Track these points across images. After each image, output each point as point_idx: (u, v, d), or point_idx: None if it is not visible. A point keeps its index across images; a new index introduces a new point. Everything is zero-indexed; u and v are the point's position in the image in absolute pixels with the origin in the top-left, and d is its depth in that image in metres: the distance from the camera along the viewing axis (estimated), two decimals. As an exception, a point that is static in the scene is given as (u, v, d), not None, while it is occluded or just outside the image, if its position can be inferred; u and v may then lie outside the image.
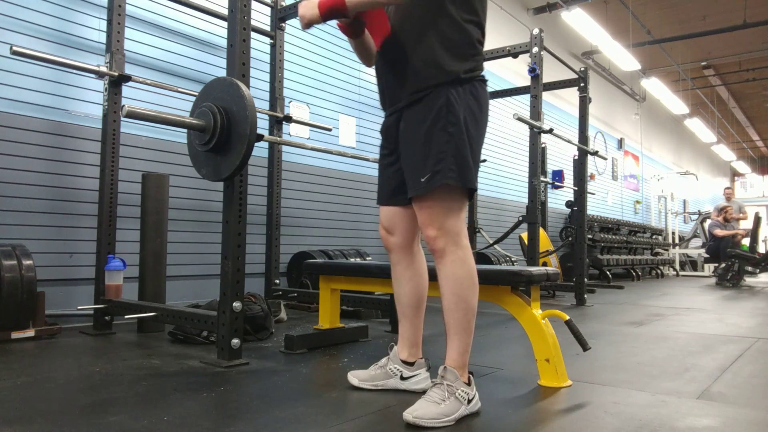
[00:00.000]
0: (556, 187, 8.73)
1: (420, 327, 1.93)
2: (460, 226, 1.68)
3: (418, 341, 1.92)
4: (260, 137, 2.27)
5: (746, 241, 9.02)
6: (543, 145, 6.91)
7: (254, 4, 3.77)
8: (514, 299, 2.11)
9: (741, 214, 9.71)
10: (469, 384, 1.65)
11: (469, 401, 1.62)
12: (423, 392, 1.68)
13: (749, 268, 8.15)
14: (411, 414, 1.52)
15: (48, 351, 2.51)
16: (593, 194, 6.48)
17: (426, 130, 1.65)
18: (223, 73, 2.48)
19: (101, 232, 3.05)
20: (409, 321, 1.91)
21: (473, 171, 1.68)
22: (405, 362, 1.89)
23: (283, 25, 4.08)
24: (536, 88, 4.27)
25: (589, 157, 5.60)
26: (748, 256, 8.15)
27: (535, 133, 4.29)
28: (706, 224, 10.03)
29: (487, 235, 5.60)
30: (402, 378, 1.87)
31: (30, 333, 2.72)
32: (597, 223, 9.01)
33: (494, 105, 7.36)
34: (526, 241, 4.71)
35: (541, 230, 5.45)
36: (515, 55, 4.50)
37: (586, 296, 4.95)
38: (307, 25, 1.72)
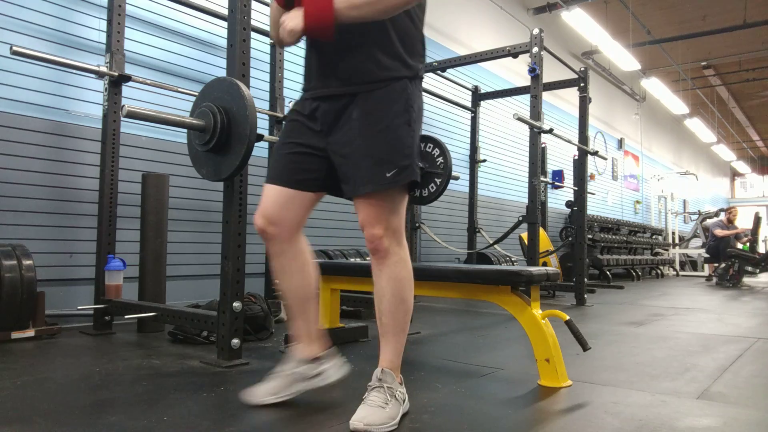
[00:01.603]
0: (556, 187, 8.73)
1: (314, 318, 1.78)
2: (402, 224, 1.64)
3: (318, 333, 1.78)
4: (260, 137, 2.28)
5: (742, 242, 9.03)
6: (543, 145, 6.92)
7: (254, 4, 3.76)
8: (514, 299, 2.11)
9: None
10: (401, 384, 1.64)
11: (404, 400, 1.62)
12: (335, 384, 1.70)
13: (749, 268, 8.15)
14: (361, 422, 1.48)
15: (48, 351, 2.51)
16: (593, 194, 6.49)
17: (391, 122, 1.57)
18: (223, 73, 2.48)
19: (101, 232, 3.05)
20: (302, 315, 1.75)
21: (418, 171, 1.65)
22: (311, 359, 1.74)
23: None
24: (536, 88, 4.27)
25: (589, 157, 5.60)
26: (748, 256, 8.15)
27: (535, 133, 4.29)
28: (707, 224, 10.04)
29: (487, 235, 5.60)
30: (311, 377, 1.73)
31: (30, 333, 2.72)
32: (597, 223, 9.01)
33: (494, 105, 7.37)
34: (526, 241, 4.71)
35: (541, 230, 5.45)
36: (515, 55, 4.50)
37: (586, 296, 4.96)
38: (290, 41, 1.56)
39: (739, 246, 8.86)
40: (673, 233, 12.15)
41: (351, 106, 1.60)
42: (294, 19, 1.52)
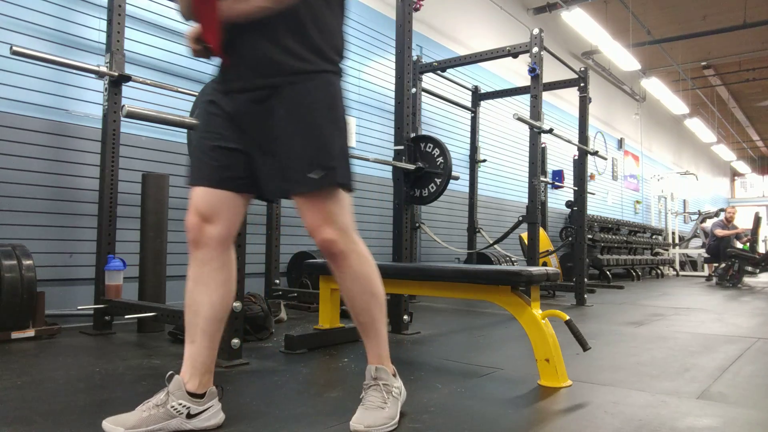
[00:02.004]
0: (556, 187, 8.73)
1: (217, 348, 1.54)
2: (351, 219, 1.54)
3: (213, 366, 1.53)
4: (260, 137, 2.27)
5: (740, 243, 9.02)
6: (543, 145, 6.91)
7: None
8: (514, 299, 2.11)
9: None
10: (395, 376, 1.63)
11: (401, 393, 1.61)
12: (216, 429, 1.48)
13: (749, 268, 8.15)
14: (361, 424, 1.45)
15: (48, 351, 2.51)
16: (593, 194, 6.48)
17: (316, 120, 1.47)
18: (223, 73, 2.47)
19: (101, 232, 3.05)
20: (207, 340, 1.50)
21: (351, 173, 1.55)
22: (193, 395, 1.46)
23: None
24: (536, 88, 4.27)
25: (589, 157, 5.60)
26: (748, 256, 8.15)
27: (535, 133, 4.29)
28: (707, 224, 10.04)
29: (487, 235, 5.60)
30: (189, 416, 1.44)
31: (30, 333, 2.72)
32: (597, 223, 9.01)
33: (494, 105, 7.37)
34: (526, 241, 4.71)
35: (541, 230, 5.45)
36: (515, 55, 4.50)
37: (586, 296, 4.95)
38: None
39: (739, 246, 8.86)
40: (673, 233, 12.16)
41: (272, 100, 1.47)
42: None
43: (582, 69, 5.26)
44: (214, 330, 1.52)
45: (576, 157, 6.11)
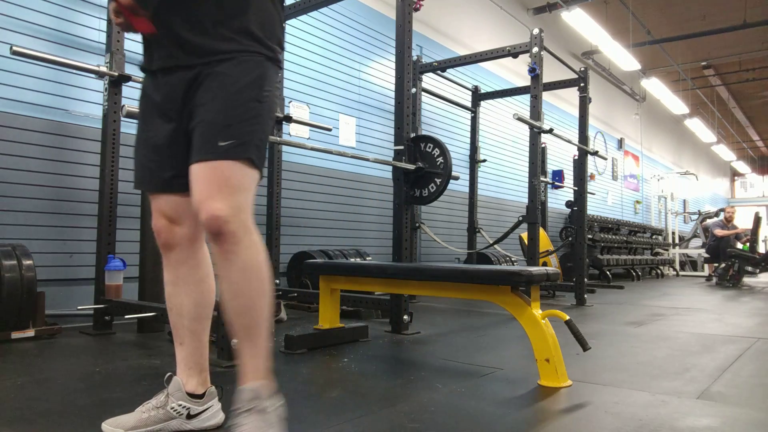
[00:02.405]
0: (556, 187, 8.74)
1: (207, 345, 1.52)
2: (250, 206, 1.36)
3: (206, 364, 1.51)
4: (260, 137, 2.27)
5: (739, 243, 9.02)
6: (543, 145, 6.92)
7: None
8: (514, 299, 2.11)
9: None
10: (275, 395, 1.37)
11: (278, 413, 1.35)
12: (216, 429, 1.45)
13: (749, 268, 8.15)
14: None
15: (48, 351, 2.51)
16: (593, 194, 6.48)
17: (238, 90, 1.34)
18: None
19: (101, 232, 3.05)
20: (195, 340, 1.48)
21: (265, 156, 1.44)
22: (193, 395, 1.45)
23: (284, 25, 4.07)
24: (536, 88, 4.27)
25: (589, 157, 5.60)
26: (748, 256, 8.15)
27: (535, 133, 4.29)
28: (707, 224, 10.05)
29: (487, 235, 5.60)
30: (189, 416, 1.43)
31: (30, 333, 2.72)
32: (597, 223, 9.01)
33: (494, 105, 7.37)
34: (526, 241, 4.71)
35: (541, 230, 5.45)
36: (515, 55, 4.51)
37: (586, 296, 4.95)
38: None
39: (739, 246, 8.86)
40: (673, 233, 12.16)
41: (201, 77, 1.36)
42: None
43: (582, 69, 5.26)
44: (201, 329, 1.49)
45: (576, 157, 6.11)
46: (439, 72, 5.32)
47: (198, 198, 1.29)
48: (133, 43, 3.63)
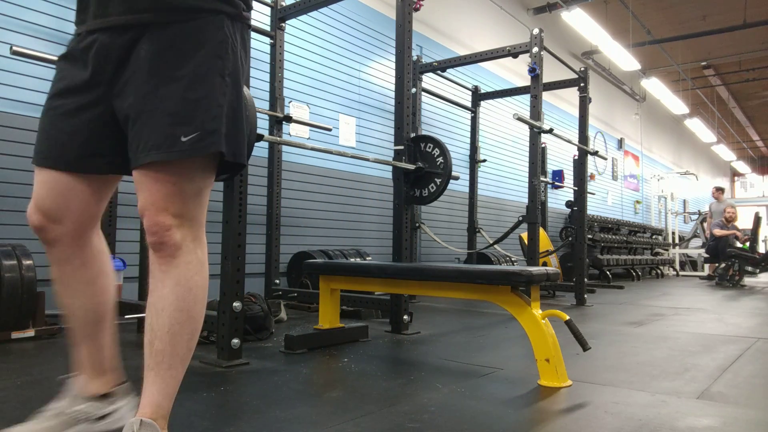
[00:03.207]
0: (556, 187, 8.74)
1: (109, 344, 1.33)
2: (204, 216, 1.21)
3: (113, 362, 1.34)
4: (260, 137, 2.27)
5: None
6: (543, 145, 6.92)
7: (254, 4, 3.77)
8: (514, 299, 2.12)
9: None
10: None
11: None
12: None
13: (749, 268, 8.15)
14: None
15: (48, 351, 2.51)
16: (593, 194, 6.48)
17: (196, 68, 1.12)
18: (223, 73, 2.47)
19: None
20: (91, 341, 1.29)
21: (245, 142, 1.22)
22: (98, 396, 1.29)
23: (283, 25, 4.08)
24: (536, 88, 4.27)
25: (589, 157, 5.60)
26: (748, 256, 8.15)
27: (535, 133, 4.29)
28: (707, 224, 10.06)
29: (487, 235, 5.60)
30: (96, 419, 1.28)
31: (30, 333, 2.72)
32: (597, 223, 9.01)
33: (494, 105, 7.37)
34: (526, 241, 4.71)
35: (541, 230, 5.46)
36: (515, 55, 4.51)
37: (586, 296, 4.95)
38: None
39: (739, 246, 8.86)
40: (673, 233, 12.16)
41: (140, 43, 1.12)
42: None
43: (582, 69, 5.26)
44: (94, 332, 1.29)
45: (576, 157, 6.11)
46: (439, 72, 5.32)
47: (144, 202, 1.13)
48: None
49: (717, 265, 8.75)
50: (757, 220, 8.74)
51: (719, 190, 10.09)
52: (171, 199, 1.12)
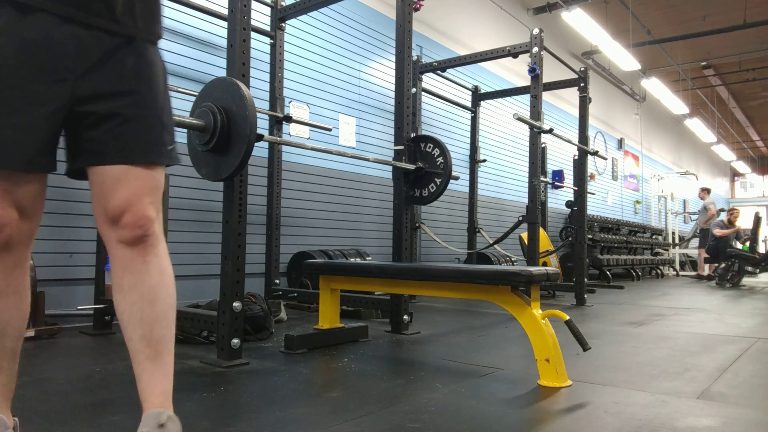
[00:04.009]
0: (556, 187, 8.74)
1: (13, 370, 1.25)
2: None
3: (11, 392, 1.27)
4: (260, 137, 2.28)
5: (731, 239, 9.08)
6: (543, 145, 6.92)
7: (254, 4, 3.77)
8: (514, 299, 2.12)
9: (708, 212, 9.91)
10: (176, 419, 1.20)
11: None
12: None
13: (749, 268, 8.15)
14: None
15: (48, 351, 2.51)
16: (593, 194, 6.48)
17: (165, 86, 1.28)
18: (223, 73, 2.48)
19: (101, 232, 3.05)
20: (14, 362, 1.23)
21: None
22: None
23: (283, 25, 4.08)
24: (536, 88, 4.27)
25: (589, 157, 5.60)
26: (748, 256, 8.15)
27: (535, 133, 4.29)
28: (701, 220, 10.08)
29: (487, 235, 5.60)
30: None
31: (30, 333, 2.72)
32: (597, 223, 9.01)
33: (494, 105, 7.37)
34: (526, 241, 4.71)
35: (541, 230, 5.46)
36: (515, 55, 4.51)
37: (586, 296, 4.95)
38: None
39: (739, 246, 8.87)
40: (673, 233, 12.16)
41: (124, 51, 1.18)
42: None
43: (582, 69, 5.26)
44: (19, 348, 1.22)
45: (576, 157, 6.11)
46: (439, 72, 5.32)
47: (128, 197, 1.17)
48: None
49: (717, 265, 8.75)
50: (757, 220, 8.74)
51: (704, 190, 10.30)
52: (153, 195, 1.22)
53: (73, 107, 1.13)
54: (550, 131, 4.34)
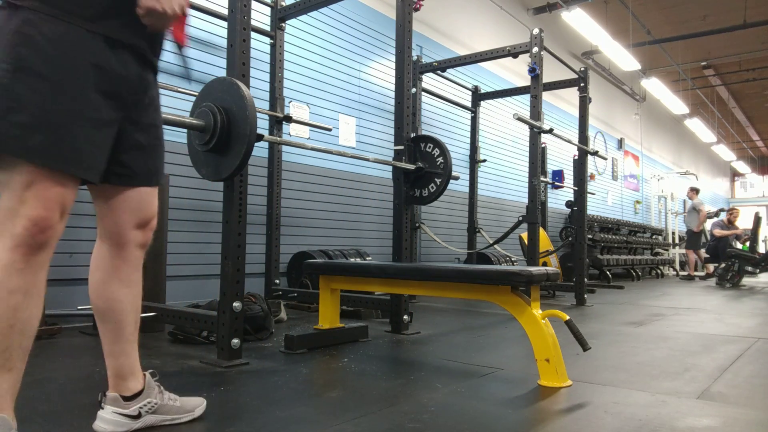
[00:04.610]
0: (556, 187, 8.73)
1: (23, 370, 1.24)
2: None
3: (16, 393, 1.27)
4: (260, 137, 2.28)
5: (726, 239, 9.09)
6: (543, 145, 6.92)
7: (254, 4, 3.77)
8: (514, 299, 2.12)
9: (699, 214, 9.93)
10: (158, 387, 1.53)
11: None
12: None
13: (749, 268, 8.15)
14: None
15: (48, 351, 2.51)
16: (593, 194, 6.48)
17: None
18: (223, 73, 2.48)
19: (101, 232, 3.05)
20: (24, 361, 1.23)
21: None
22: None
23: (283, 25, 4.08)
24: (536, 88, 4.27)
25: (589, 157, 5.60)
26: (748, 256, 8.15)
27: (535, 133, 4.29)
28: (707, 224, 10.06)
29: (487, 235, 5.60)
30: None
31: (30, 333, 2.72)
32: (597, 223, 9.01)
33: (494, 105, 7.37)
34: (526, 241, 4.71)
35: (541, 230, 5.45)
36: (515, 55, 4.51)
37: (586, 296, 4.95)
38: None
39: (739, 246, 8.87)
40: (673, 233, 12.15)
41: (154, 84, 1.40)
42: None
43: (582, 69, 5.26)
44: (30, 348, 1.24)
45: (576, 157, 6.11)
46: (439, 72, 5.32)
47: (149, 215, 1.45)
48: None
49: (717, 265, 8.75)
50: (757, 220, 8.74)
51: (693, 190, 10.31)
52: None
53: (119, 131, 1.31)
54: (550, 131, 4.34)
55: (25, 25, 1.13)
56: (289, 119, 4.00)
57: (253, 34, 2.60)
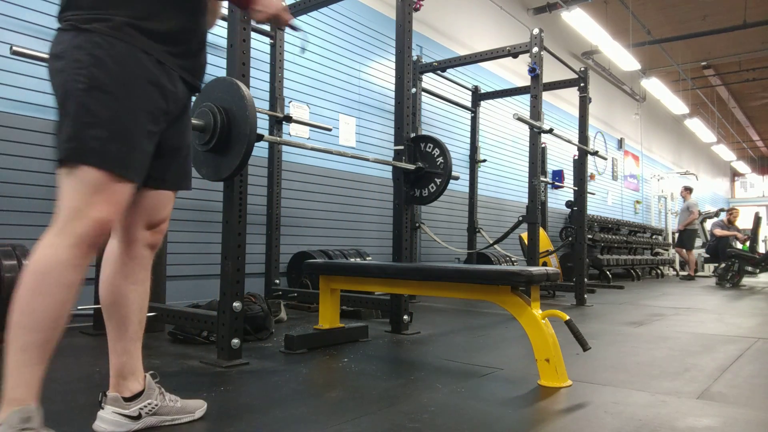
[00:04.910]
0: (556, 187, 8.73)
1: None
2: None
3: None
4: (260, 137, 2.28)
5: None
6: (543, 145, 6.92)
7: (254, 4, 3.77)
8: (514, 299, 2.11)
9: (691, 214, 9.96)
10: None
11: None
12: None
13: (749, 268, 8.15)
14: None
15: (48, 351, 2.51)
16: (593, 194, 6.48)
17: None
18: (223, 73, 2.48)
19: (101, 232, 3.05)
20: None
21: None
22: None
23: None
24: (536, 88, 4.27)
25: (589, 157, 5.60)
26: (748, 256, 8.15)
27: (535, 133, 4.29)
28: (707, 224, 10.07)
29: (487, 235, 5.60)
30: None
31: (30, 333, 2.72)
32: (597, 223, 9.01)
33: (494, 105, 7.37)
34: (526, 241, 4.71)
35: (541, 230, 5.45)
36: (515, 55, 4.51)
37: (586, 296, 4.95)
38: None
39: (739, 246, 8.87)
40: (673, 233, 12.15)
41: (188, 103, 1.55)
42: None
43: (582, 69, 5.26)
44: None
45: (576, 157, 6.11)
46: (439, 72, 5.31)
47: (163, 216, 1.52)
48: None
49: (717, 265, 8.75)
50: (757, 220, 8.74)
51: (687, 189, 10.37)
52: None
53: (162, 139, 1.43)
54: (550, 131, 4.34)
55: (94, 47, 1.29)
56: (289, 119, 4.00)
57: (253, 34, 2.60)
